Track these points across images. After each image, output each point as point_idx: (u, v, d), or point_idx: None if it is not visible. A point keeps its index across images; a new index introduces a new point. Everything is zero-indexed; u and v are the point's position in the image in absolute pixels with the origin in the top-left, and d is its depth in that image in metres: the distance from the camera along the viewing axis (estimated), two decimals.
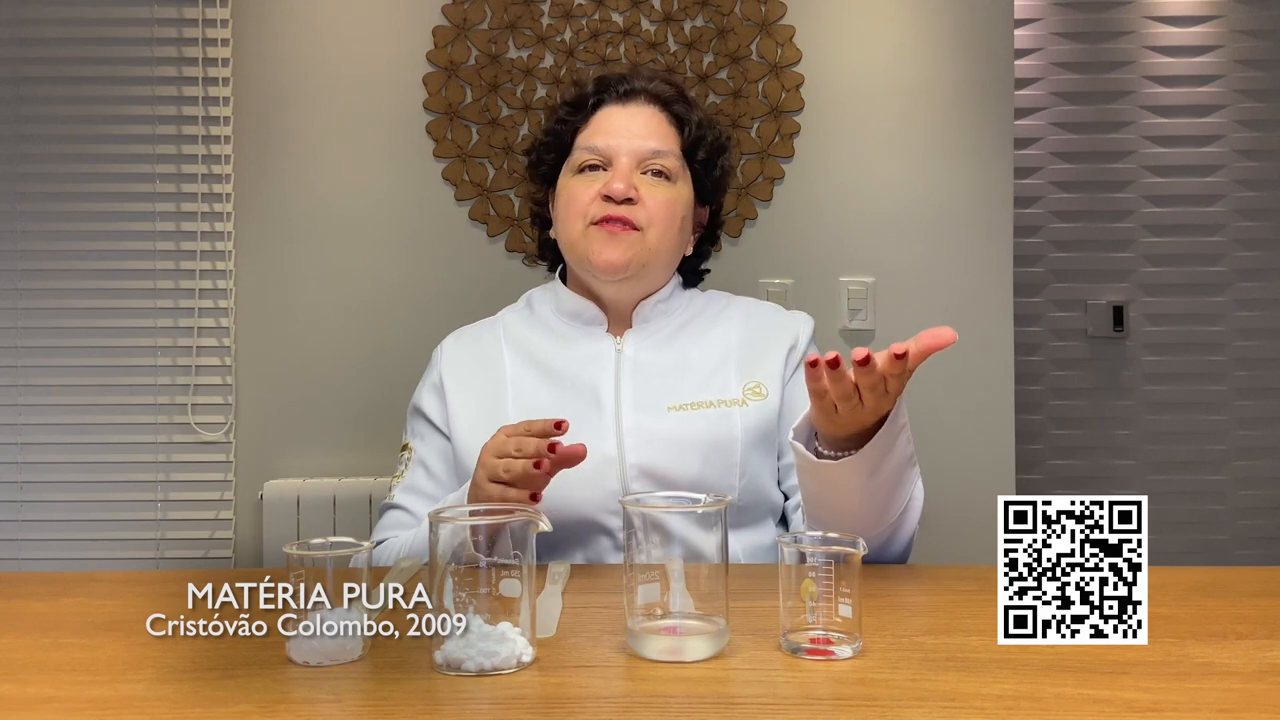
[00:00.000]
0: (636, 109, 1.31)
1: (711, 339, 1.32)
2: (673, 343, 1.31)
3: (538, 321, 1.35)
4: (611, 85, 1.33)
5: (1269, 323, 3.04)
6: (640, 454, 1.22)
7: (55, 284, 2.33)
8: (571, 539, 1.21)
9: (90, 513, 2.32)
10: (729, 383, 1.27)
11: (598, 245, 1.26)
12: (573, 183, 1.30)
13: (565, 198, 1.30)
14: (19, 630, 0.93)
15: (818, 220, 2.34)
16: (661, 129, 1.31)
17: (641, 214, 1.26)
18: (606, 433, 1.23)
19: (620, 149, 1.28)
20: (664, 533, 0.83)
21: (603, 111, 1.31)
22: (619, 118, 1.30)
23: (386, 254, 2.33)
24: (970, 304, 2.34)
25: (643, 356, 1.29)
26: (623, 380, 1.27)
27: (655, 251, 1.28)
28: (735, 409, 1.25)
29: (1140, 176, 3.03)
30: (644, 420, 1.24)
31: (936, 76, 2.34)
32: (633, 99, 1.32)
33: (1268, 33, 3.01)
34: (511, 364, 1.31)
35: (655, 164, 1.29)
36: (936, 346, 0.97)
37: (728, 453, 1.23)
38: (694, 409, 1.24)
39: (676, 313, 1.34)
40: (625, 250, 1.26)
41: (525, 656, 0.80)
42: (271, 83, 2.33)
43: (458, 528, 0.81)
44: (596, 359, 1.29)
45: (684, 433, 1.23)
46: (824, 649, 0.81)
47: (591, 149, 1.29)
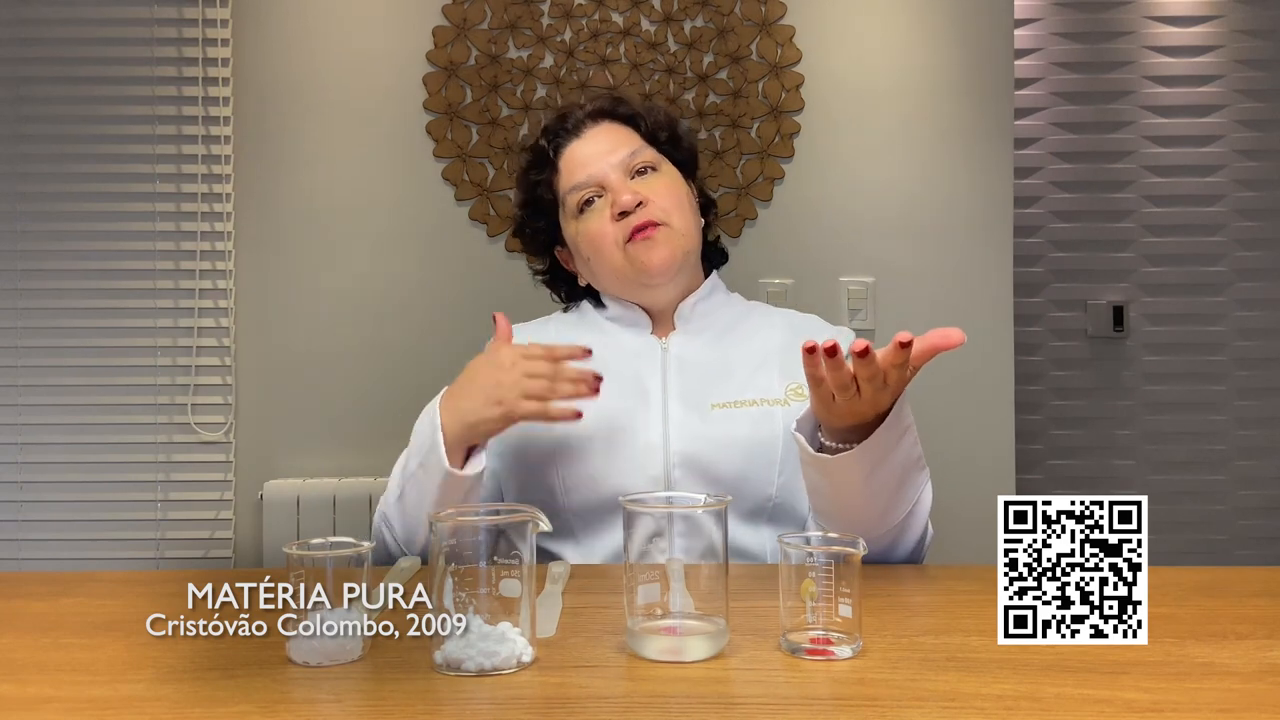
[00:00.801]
0: (591, 134, 1.35)
1: (755, 343, 1.34)
2: (717, 344, 1.33)
3: (586, 322, 1.38)
4: (558, 126, 1.37)
5: (1269, 323, 3.04)
6: (684, 444, 1.24)
7: (55, 284, 2.33)
8: (609, 521, 1.22)
9: (90, 513, 2.33)
10: (772, 383, 1.29)
11: (643, 256, 1.28)
12: (585, 224, 1.32)
13: (588, 240, 1.32)
14: (19, 630, 0.93)
15: (818, 220, 2.34)
16: (621, 135, 1.35)
17: (656, 210, 1.29)
18: (653, 420, 1.25)
19: (604, 170, 1.31)
20: (668, 526, 0.84)
21: (565, 153, 1.35)
22: (582, 148, 1.34)
23: (386, 254, 2.34)
24: (970, 304, 2.34)
25: (688, 355, 1.31)
26: (669, 375, 1.29)
27: (687, 235, 1.32)
28: (778, 408, 1.27)
29: (1140, 176, 3.03)
30: (689, 415, 1.26)
31: (936, 76, 2.34)
32: (583, 127, 1.36)
33: (1268, 33, 3.01)
34: None
35: (637, 163, 1.32)
36: (944, 346, 0.98)
37: (769, 451, 1.24)
38: (737, 407, 1.26)
39: (718, 313, 1.36)
40: (665, 245, 1.29)
41: (525, 656, 0.80)
42: (271, 83, 2.33)
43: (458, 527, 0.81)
44: (643, 354, 1.31)
45: (728, 430, 1.25)
46: (824, 649, 0.81)
47: (579, 186, 1.32)
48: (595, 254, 1.32)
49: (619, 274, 1.31)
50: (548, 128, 1.38)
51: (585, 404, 1.18)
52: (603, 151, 1.33)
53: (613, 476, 1.22)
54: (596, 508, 1.23)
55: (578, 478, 1.23)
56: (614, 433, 1.24)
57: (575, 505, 1.24)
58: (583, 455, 1.23)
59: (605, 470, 1.22)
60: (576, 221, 1.33)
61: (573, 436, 1.23)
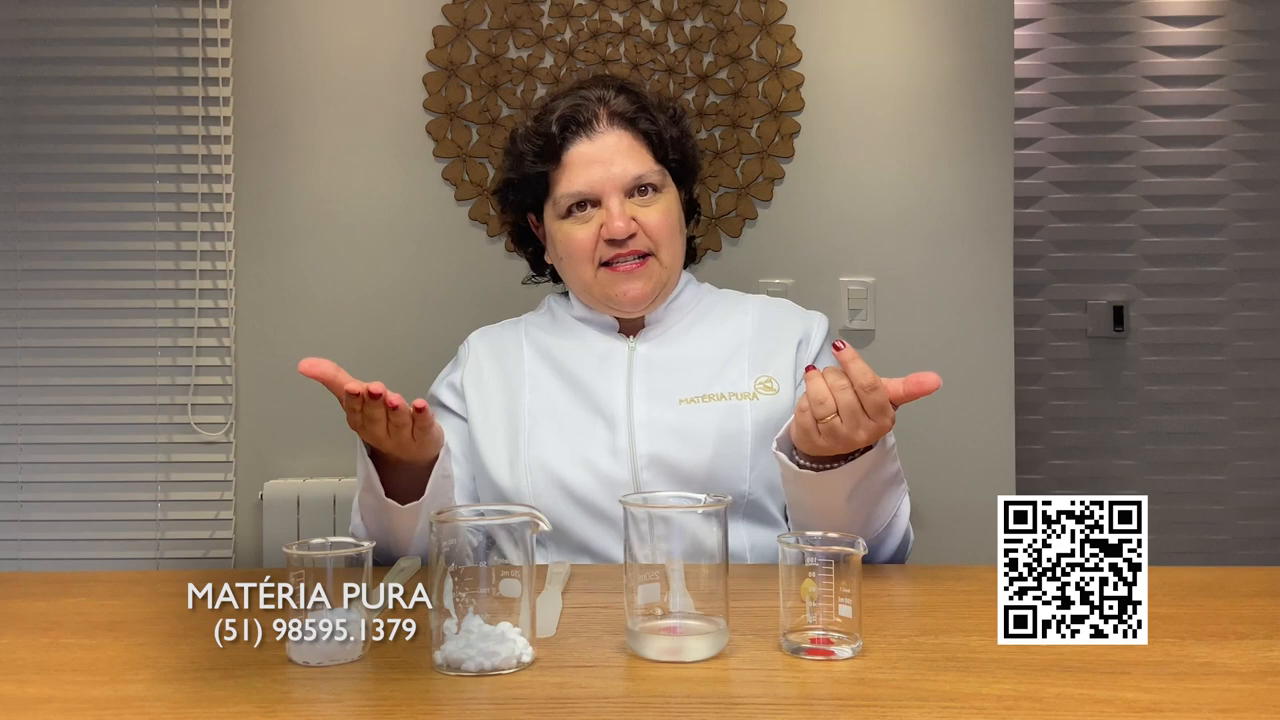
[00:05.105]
0: (604, 140, 1.27)
1: (724, 333, 1.33)
2: (685, 337, 1.32)
3: (557, 324, 1.36)
4: (572, 117, 1.28)
5: (1269, 323, 3.04)
6: (650, 444, 1.23)
7: (55, 284, 2.33)
8: (578, 528, 1.23)
9: (90, 513, 2.33)
10: (741, 376, 1.28)
11: (620, 285, 1.27)
12: (568, 227, 1.28)
13: (565, 243, 1.29)
14: (19, 630, 0.93)
15: (818, 220, 2.34)
16: (634, 150, 1.28)
17: (646, 241, 1.27)
18: (618, 425, 1.25)
19: (605, 186, 1.26)
20: (667, 526, 0.84)
21: (572, 151, 1.27)
22: (590, 151, 1.27)
23: (386, 254, 2.34)
24: (970, 304, 2.34)
25: (655, 353, 1.30)
26: (635, 375, 1.28)
27: (671, 268, 1.30)
28: (746, 402, 1.25)
29: (1140, 176, 3.03)
30: (654, 412, 1.25)
31: (937, 76, 2.34)
32: (595, 125, 1.28)
33: (1268, 33, 3.01)
34: (530, 360, 1.33)
35: (640, 184, 1.28)
36: (920, 393, 1.01)
37: (738, 445, 1.24)
38: (705, 401, 1.25)
39: (688, 308, 1.35)
40: (645, 281, 1.27)
41: (525, 656, 0.80)
42: (271, 83, 2.33)
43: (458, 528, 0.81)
44: (609, 356, 1.30)
45: (694, 424, 1.24)
46: (824, 649, 0.81)
47: (575, 193, 1.27)
48: (568, 259, 1.29)
49: (587, 289, 1.30)
50: (562, 115, 1.29)
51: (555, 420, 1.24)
52: (610, 164, 1.26)
53: (585, 484, 1.22)
54: (566, 516, 1.22)
55: (547, 490, 1.23)
56: (581, 442, 1.24)
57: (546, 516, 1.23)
58: (550, 467, 1.23)
59: (577, 479, 1.22)
60: (561, 220, 1.29)
61: (542, 451, 1.24)
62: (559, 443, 1.25)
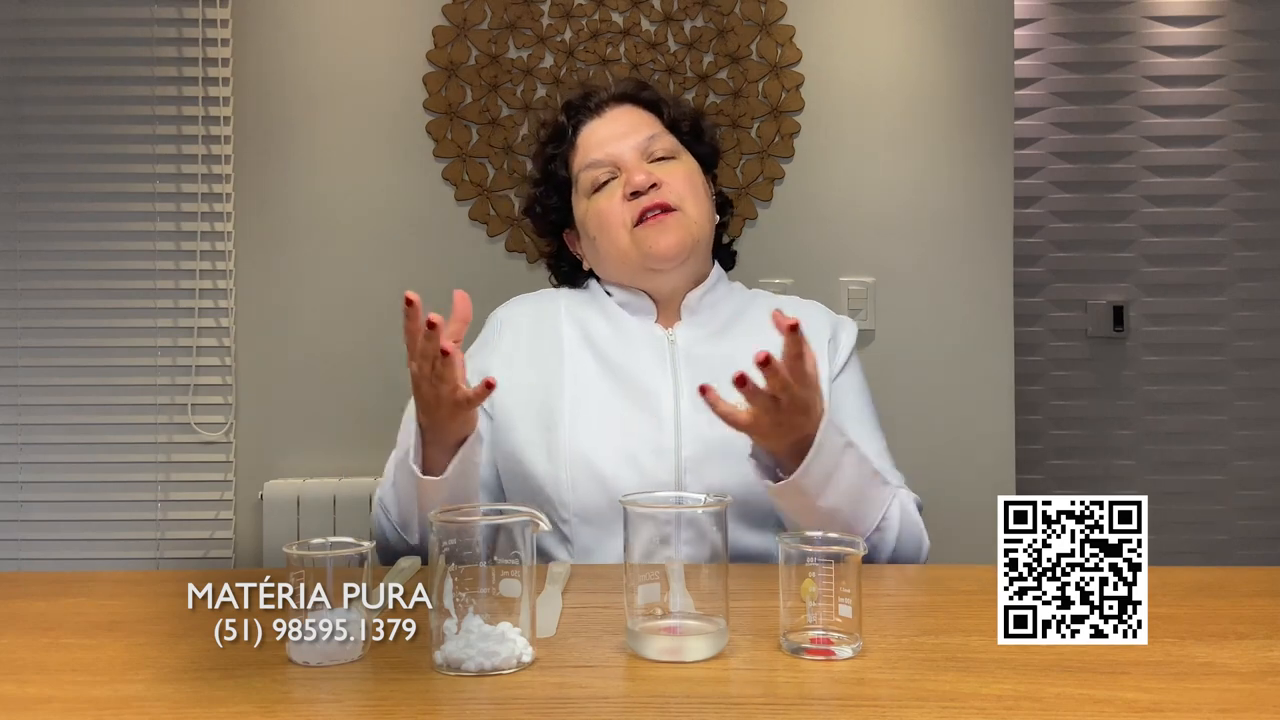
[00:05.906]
0: (613, 114, 1.35)
1: (760, 336, 1.31)
2: (724, 337, 1.31)
3: (596, 303, 1.35)
4: (580, 104, 1.36)
5: (1269, 323, 3.04)
6: (694, 448, 1.22)
7: (55, 284, 2.33)
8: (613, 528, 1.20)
9: (90, 513, 2.32)
10: None
11: (651, 238, 1.27)
12: (597, 202, 1.30)
13: (597, 218, 1.30)
14: (19, 630, 0.93)
15: (818, 220, 2.34)
16: (643, 119, 1.34)
17: (670, 194, 1.28)
18: (664, 425, 1.24)
19: (621, 151, 1.31)
20: (668, 526, 0.84)
21: (584, 131, 1.34)
22: (602, 128, 1.34)
23: (386, 254, 2.33)
24: (970, 304, 2.34)
25: (695, 350, 1.29)
26: (679, 372, 1.27)
27: (699, 223, 1.30)
28: None
29: (1140, 176, 3.03)
30: (700, 417, 1.22)
31: (937, 76, 2.34)
32: (604, 107, 1.35)
33: (1268, 33, 3.01)
34: (570, 338, 1.31)
35: (656, 149, 1.32)
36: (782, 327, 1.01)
37: None
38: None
39: (722, 305, 1.35)
40: (675, 231, 1.27)
41: (525, 656, 0.80)
42: (271, 83, 2.33)
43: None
44: (650, 347, 1.29)
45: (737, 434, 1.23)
46: (824, 649, 0.81)
47: (594, 164, 1.31)
48: (601, 234, 1.30)
49: (624, 257, 1.29)
50: (569, 104, 1.37)
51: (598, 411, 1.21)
52: (621, 133, 1.32)
53: (627, 481, 1.19)
54: (605, 511, 1.20)
55: (586, 484, 1.21)
56: (626, 438, 1.23)
57: (581, 511, 1.22)
58: (592, 461, 1.22)
59: (617, 475, 1.20)
60: (588, 200, 1.31)
61: (583, 444, 1.22)
62: (602, 435, 1.23)
